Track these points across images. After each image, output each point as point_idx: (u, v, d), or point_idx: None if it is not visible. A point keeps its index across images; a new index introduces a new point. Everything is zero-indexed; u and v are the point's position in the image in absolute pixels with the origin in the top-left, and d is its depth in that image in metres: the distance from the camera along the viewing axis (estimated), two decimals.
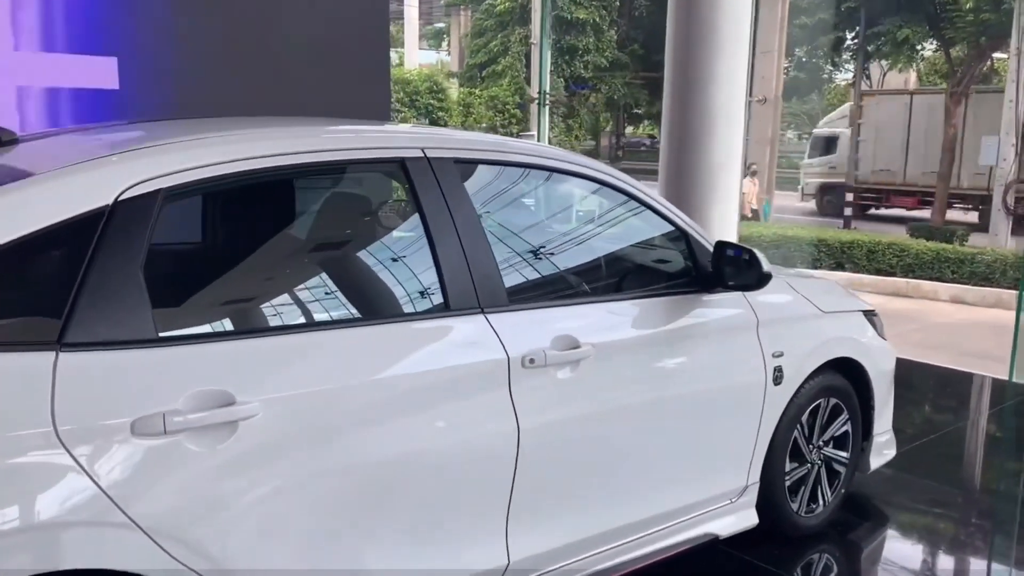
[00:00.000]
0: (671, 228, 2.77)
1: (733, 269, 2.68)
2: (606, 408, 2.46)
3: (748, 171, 18.51)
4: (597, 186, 2.67)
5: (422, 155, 2.23)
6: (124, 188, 1.75)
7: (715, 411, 2.78)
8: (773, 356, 2.89)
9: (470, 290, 2.20)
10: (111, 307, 1.69)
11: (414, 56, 28.90)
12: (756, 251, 2.66)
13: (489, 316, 2.22)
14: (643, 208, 2.72)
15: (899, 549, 3.45)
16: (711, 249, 2.75)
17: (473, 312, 2.20)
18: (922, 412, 5.39)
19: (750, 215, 17.37)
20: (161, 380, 1.72)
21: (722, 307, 2.81)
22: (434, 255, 2.18)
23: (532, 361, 2.24)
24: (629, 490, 2.59)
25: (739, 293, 2.82)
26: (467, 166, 2.39)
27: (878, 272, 11.81)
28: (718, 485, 2.86)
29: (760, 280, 2.67)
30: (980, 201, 17.94)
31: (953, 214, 18.70)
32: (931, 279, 11.35)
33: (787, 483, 3.09)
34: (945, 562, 3.41)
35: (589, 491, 2.48)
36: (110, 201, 1.73)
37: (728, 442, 2.86)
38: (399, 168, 2.21)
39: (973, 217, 18.35)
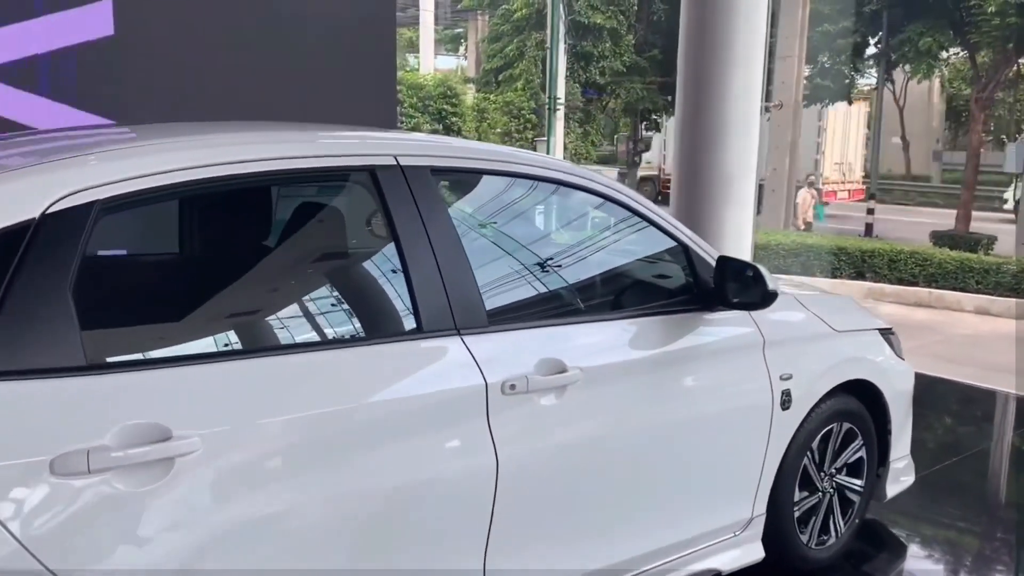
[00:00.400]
0: (670, 241, 2.59)
1: (737, 286, 2.50)
2: (595, 437, 2.28)
3: (805, 181, 18.15)
4: (589, 196, 2.50)
5: (395, 163, 2.06)
6: (54, 200, 1.60)
7: (716, 439, 2.60)
8: (781, 379, 2.71)
9: (445, 310, 2.03)
10: (34, 331, 1.53)
11: (430, 61, 28.79)
12: (761, 267, 2.49)
13: (466, 338, 2.05)
14: (639, 220, 2.54)
15: None
16: (714, 264, 2.57)
17: (448, 334, 2.03)
18: (943, 432, 5.17)
19: (803, 226, 16.99)
20: (87, 413, 1.56)
21: (725, 326, 2.62)
22: (406, 273, 2.01)
23: (513, 387, 2.06)
24: (621, 525, 2.40)
25: (744, 311, 2.63)
26: (445, 176, 2.22)
27: (900, 282, 11.51)
28: (720, 517, 2.67)
29: (765, 298, 2.49)
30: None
31: None
32: (955, 289, 11.05)
33: (796, 514, 2.90)
34: None
35: (576, 528, 2.29)
36: (37, 214, 1.57)
37: (731, 472, 2.67)
38: (368, 177, 2.04)
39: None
